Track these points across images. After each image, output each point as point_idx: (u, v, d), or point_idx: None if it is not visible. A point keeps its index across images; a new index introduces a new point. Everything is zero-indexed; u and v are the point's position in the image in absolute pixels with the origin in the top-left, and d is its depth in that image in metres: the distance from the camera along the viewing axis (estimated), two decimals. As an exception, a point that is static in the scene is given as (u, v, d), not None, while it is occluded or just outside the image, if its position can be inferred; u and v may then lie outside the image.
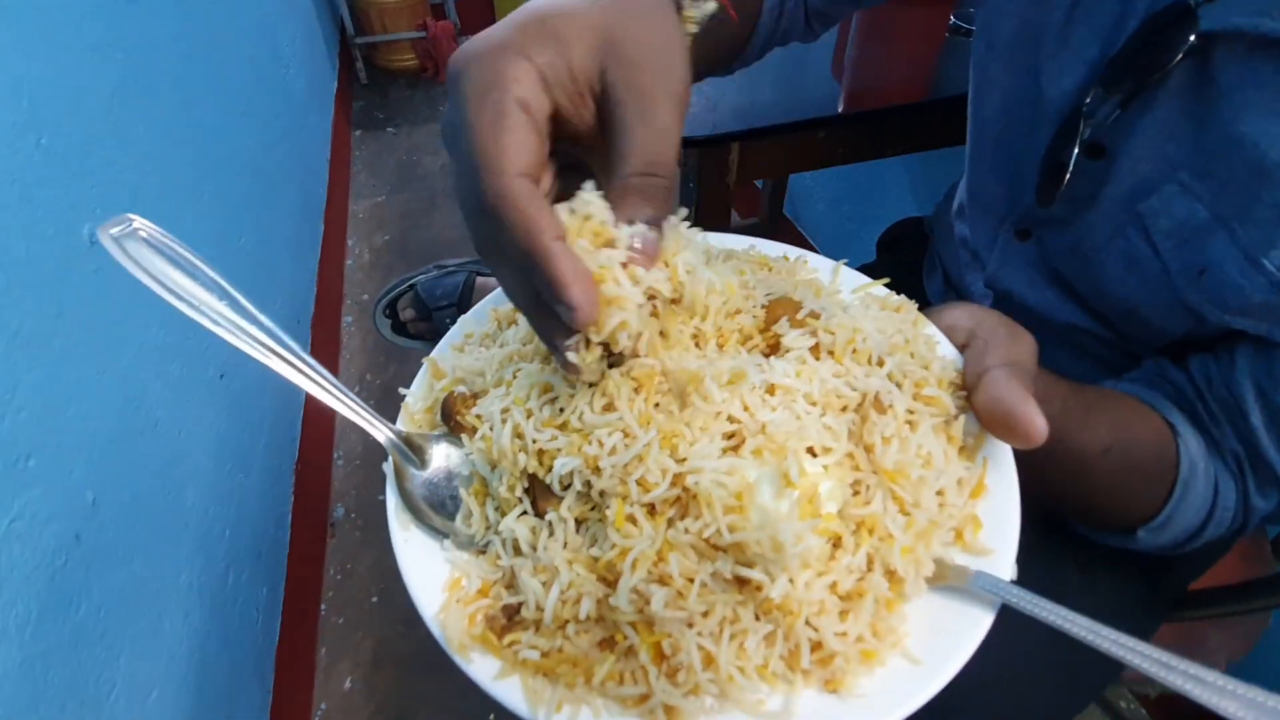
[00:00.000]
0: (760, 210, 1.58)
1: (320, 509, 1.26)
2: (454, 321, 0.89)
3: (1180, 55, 0.36)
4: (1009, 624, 0.47)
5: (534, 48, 0.25)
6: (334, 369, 1.52)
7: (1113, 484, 0.41)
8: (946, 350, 0.31)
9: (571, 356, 0.26)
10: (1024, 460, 0.38)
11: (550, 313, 0.25)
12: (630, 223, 0.26)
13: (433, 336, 0.89)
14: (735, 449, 0.26)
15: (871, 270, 0.80)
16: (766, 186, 1.54)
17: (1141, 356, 0.49)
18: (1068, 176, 0.43)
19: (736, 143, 0.76)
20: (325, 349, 1.47)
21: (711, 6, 0.32)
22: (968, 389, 0.30)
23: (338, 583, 1.21)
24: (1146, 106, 0.40)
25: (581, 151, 0.29)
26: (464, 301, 0.83)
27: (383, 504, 1.05)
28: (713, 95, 0.80)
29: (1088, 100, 0.42)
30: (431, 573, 0.28)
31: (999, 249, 0.54)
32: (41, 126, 0.66)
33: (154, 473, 0.74)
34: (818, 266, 0.38)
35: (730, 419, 0.27)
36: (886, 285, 0.37)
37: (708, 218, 0.81)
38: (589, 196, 0.26)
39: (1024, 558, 0.50)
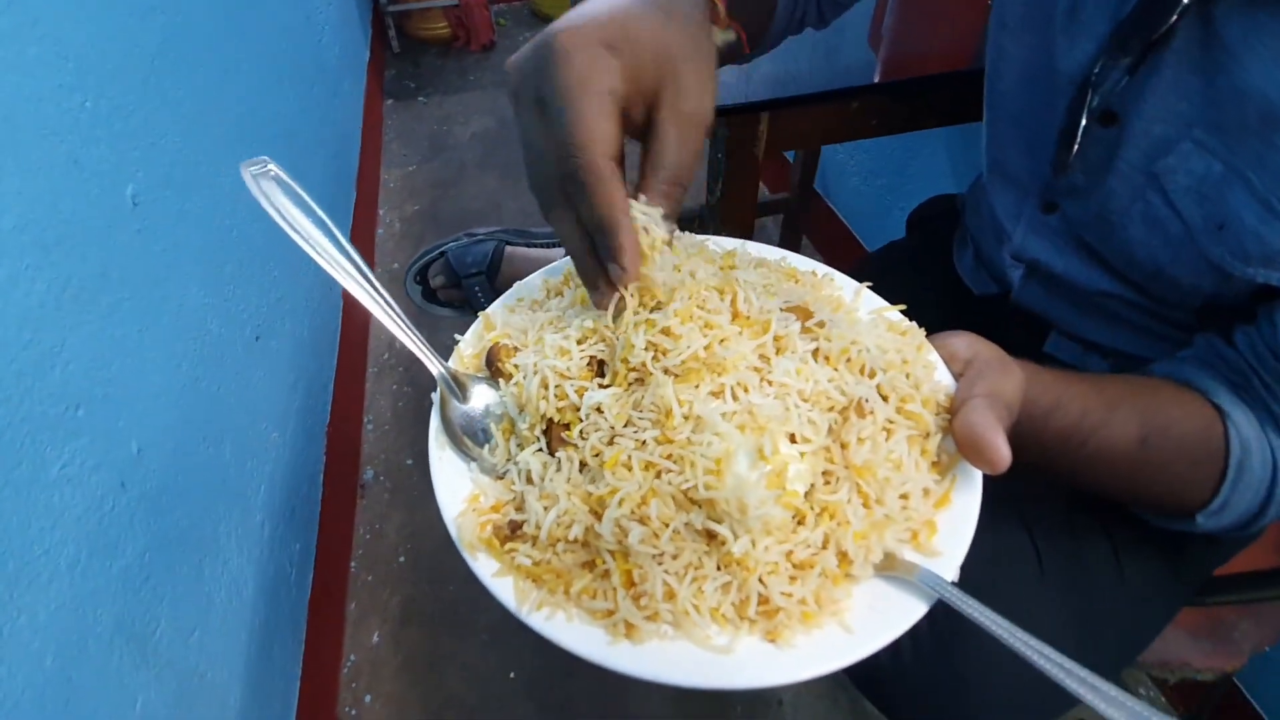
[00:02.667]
0: (790, 184, 1.55)
1: (350, 470, 1.30)
2: (483, 289, 0.90)
3: (1176, 15, 0.37)
4: (1029, 611, 0.47)
5: (623, 49, 0.31)
6: (364, 336, 1.55)
7: (1156, 474, 0.41)
8: (943, 376, 0.34)
9: (598, 297, 0.33)
10: (1057, 465, 0.41)
11: (597, 263, 0.32)
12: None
13: (462, 304, 0.90)
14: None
15: (901, 248, 0.79)
16: (797, 160, 1.52)
17: (1173, 319, 0.49)
18: (1077, 145, 0.44)
19: (765, 113, 0.75)
20: (356, 315, 1.50)
21: (730, 36, 0.38)
22: (951, 413, 0.32)
23: (367, 542, 1.25)
24: (1155, 69, 0.40)
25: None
26: (493, 269, 0.84)
27: (410, 468, 1.09)
28: (746, 64, 0.79)
29: (1096, 70, 0.42)
30: (456, 487, 0.34)
31: (1025, 221, 0.54)
32: (86, 89, 0.68)
33: (194, 427, 0.77)
34: (843, 285, 0.41)
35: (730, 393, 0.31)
36: (904, 311, 0.39)
37: (735, 190, 0.81)
38: (641, 209, 0.33)
39: (1050, 538, 0.50)
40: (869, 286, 0.40)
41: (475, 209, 1.90)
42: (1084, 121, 0.43)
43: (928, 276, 0.71)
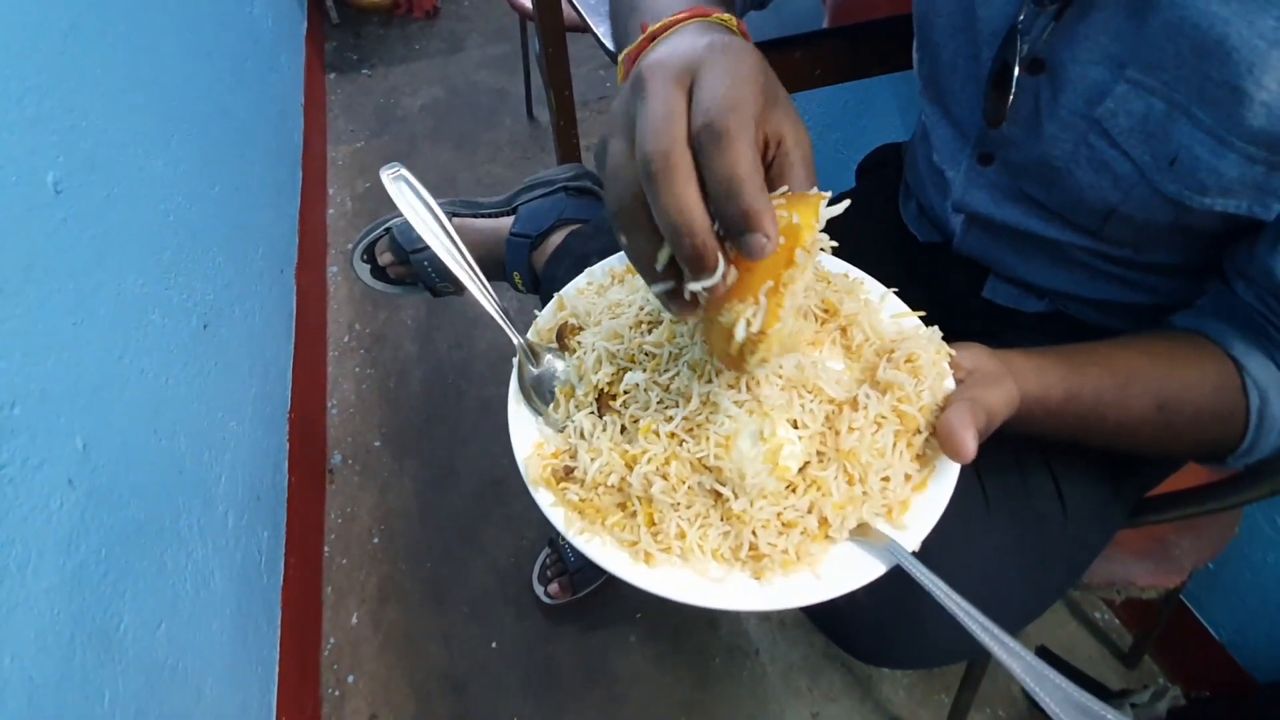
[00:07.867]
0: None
1: (317, 455, 1.29)
2: (432, 264, 0.88)
3: None
4: (976, 543, 0.49)
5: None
6: (322, 319, 1.52)
7: (1180, 434, 0.44)
8: (952, 383, 0.39)
9: (674, 308, 0.33)
10: (1083, 439, 0.45)
11: (661, 271, 0.31)
12: None
13: (413, 280, 0.88)
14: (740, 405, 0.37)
15: (850, 197, 0.79)
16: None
17: (1119, 258, 0.49)
18: (1011, 97, 0.45)
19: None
20: (312, 299, 1.46)
21: None
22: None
23: (339, 525, 1.24)
24: (1083, 13, 0.41)
25: None
26: (441, 242, 0.81)
27: (379, 450, 1.08)
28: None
29: (1021, 17, 0.42)
30: (526, 435, 0.41)
31: (963, 173, 0.54)
32: (-8, 71, 0.64)
33: (143, 420, 0.75)
34: (871, 289, 0.46)
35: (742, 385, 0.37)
36: (906, 301, 0.43)
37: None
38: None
39: (995, 473, 0.51)
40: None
41: (430, 183, 1.83)
42: (1017, 72, 0.43)
43: (876, 225, 0.71)
